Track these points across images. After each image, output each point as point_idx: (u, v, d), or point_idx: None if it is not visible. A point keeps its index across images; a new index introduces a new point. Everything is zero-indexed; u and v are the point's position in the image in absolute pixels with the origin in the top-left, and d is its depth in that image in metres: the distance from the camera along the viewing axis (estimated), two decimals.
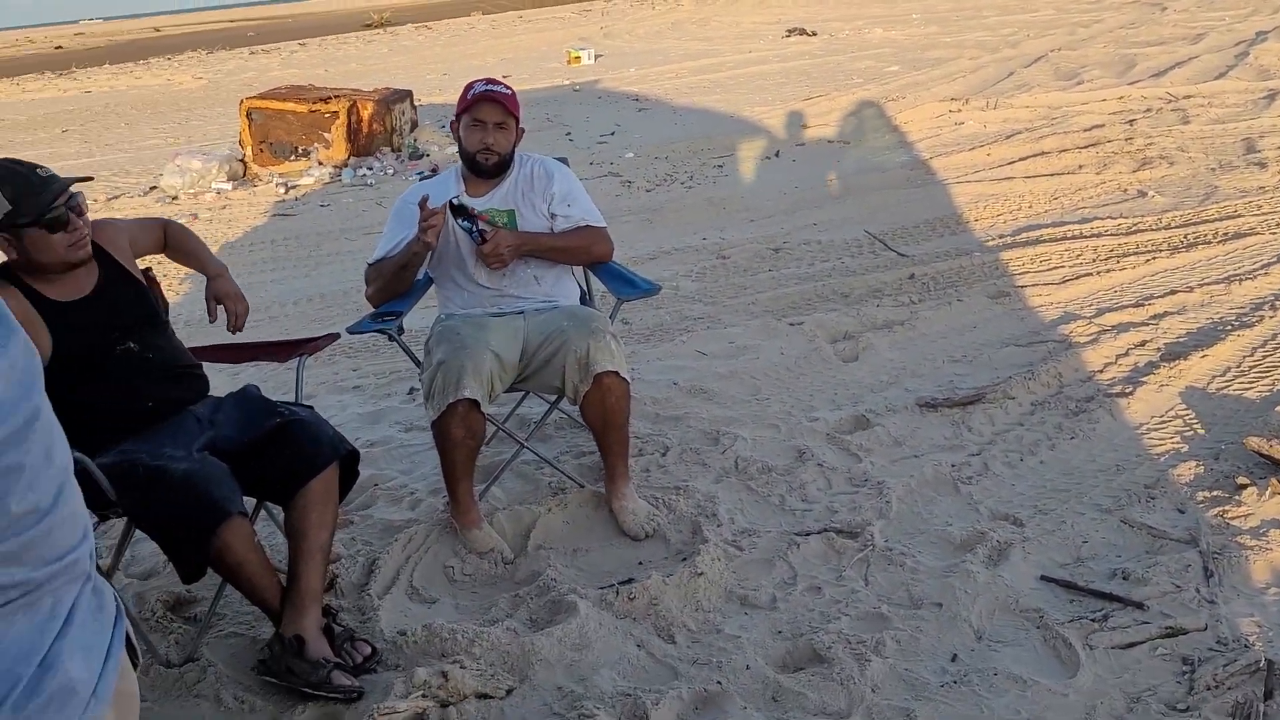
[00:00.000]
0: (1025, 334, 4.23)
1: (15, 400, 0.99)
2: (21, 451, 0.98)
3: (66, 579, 1.02)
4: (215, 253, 7.15)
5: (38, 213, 2.47)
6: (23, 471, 0.98)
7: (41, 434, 1.02)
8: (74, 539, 1.04)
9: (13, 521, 0.96)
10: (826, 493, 3.21)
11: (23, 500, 0.97)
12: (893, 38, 16.40)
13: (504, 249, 3.21)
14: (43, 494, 1.00)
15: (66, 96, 21.84)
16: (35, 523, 0.98)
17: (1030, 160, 7.18)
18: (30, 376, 1.02)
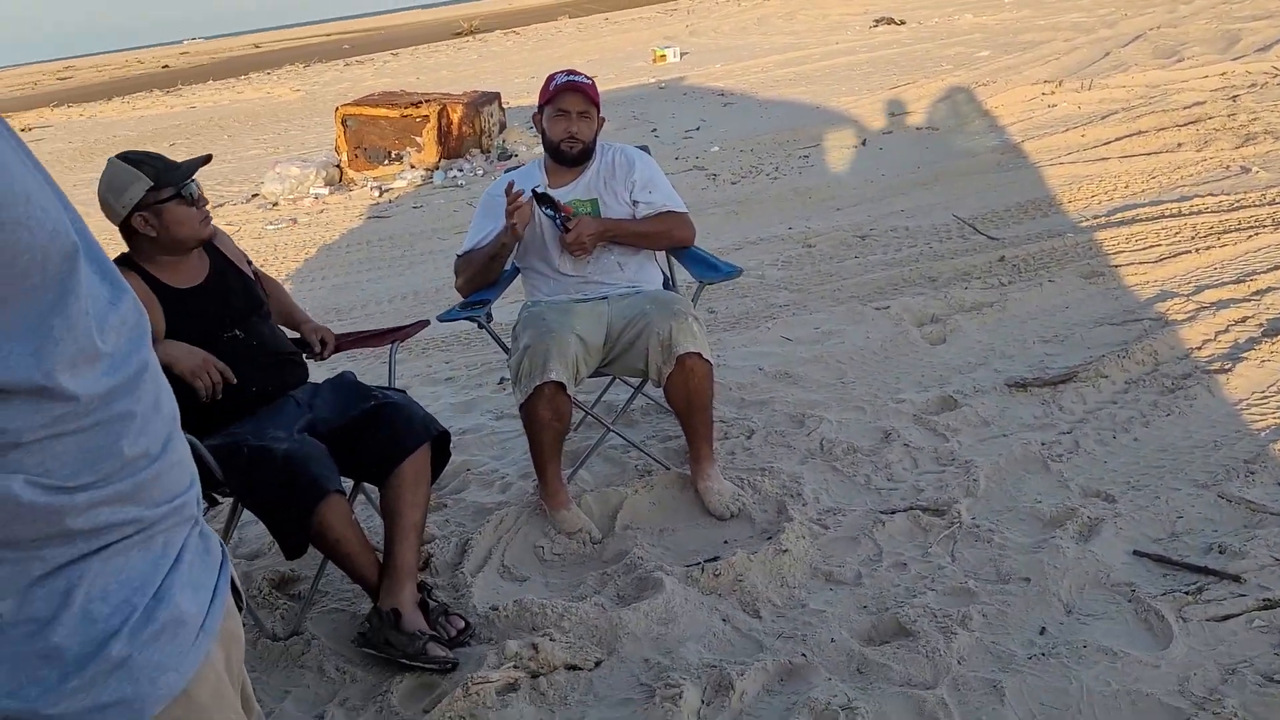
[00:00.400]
0: (1119, 313, 4.13)
1: (127, 353, 1.07)
2: (133, 399, 1.07)
3: (176, 520, 1.10)
4: (313, 255, 7.41)
5: (177, 187, 2.64)
6: (134, 418, 1.06)
7: (150, 384, 1.11)
8: (182, 485, 1.13)
9: (126, 464, 1.05)
10: (913, 472, 3.19)
11: (134, 444, 1.05)
12: (983, 23, 16.07)
13: (586, 236, 3.27)
14: (152, 440, 1.09)
15: (174, 112, 22.75)
16: (146, 466, 1.07)
17: (1127, 140, 6.99)
18: (139, 331, 1.11)
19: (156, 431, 1.09)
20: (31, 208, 0.95)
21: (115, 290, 1.09)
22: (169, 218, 2.66)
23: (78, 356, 1.00)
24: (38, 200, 0.97)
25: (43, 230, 0.95)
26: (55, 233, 0.97)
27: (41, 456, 0.98)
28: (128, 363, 1.07)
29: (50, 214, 0.98)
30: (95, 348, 1.02)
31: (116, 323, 1.07)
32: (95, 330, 1.02)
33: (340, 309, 6.00)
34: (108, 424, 1.03)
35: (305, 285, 6.47)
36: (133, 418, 1.06)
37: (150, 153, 2.75)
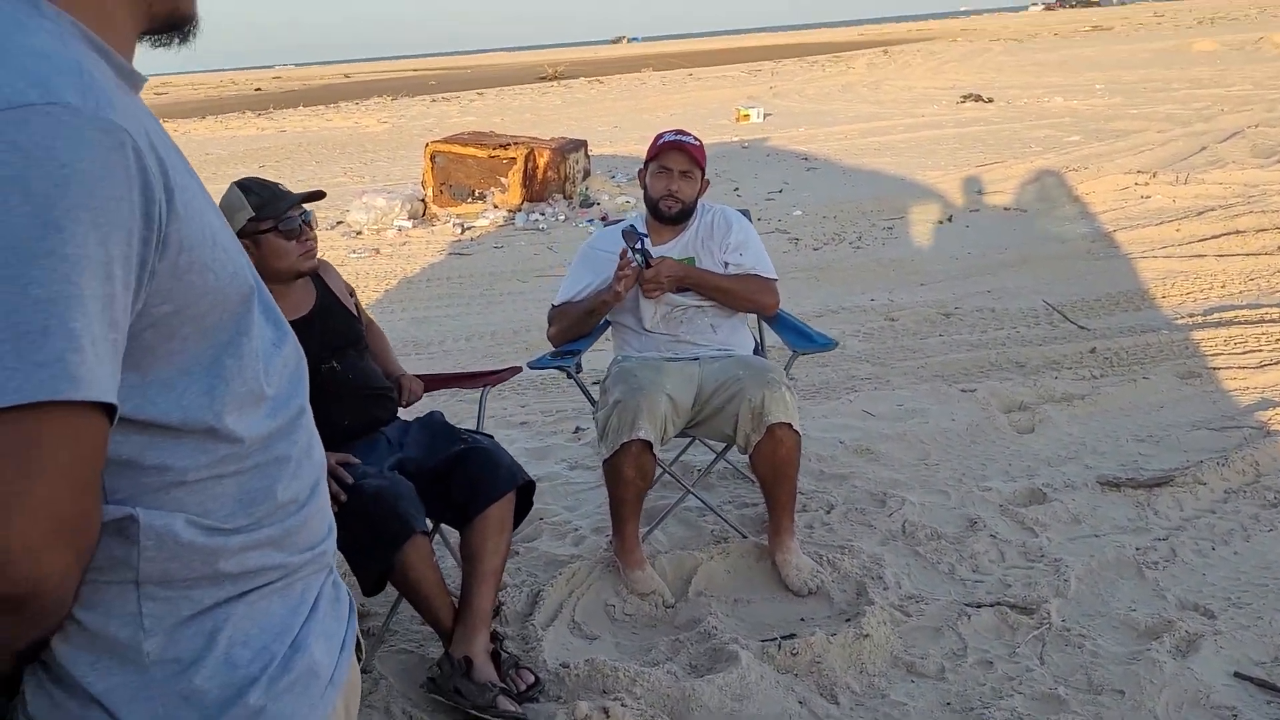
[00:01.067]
0: (1217, 418, 4.01)
1: (287, 395, 1.07)
2: (290, 443, 1.06)
3: (315, 568, 1.09)
4: (394, 286, 7.51)
5: (276, 219, 2.67)
6: (289, 462, 1.06)
7: (306, 429, 1.11)
8: (323, 531, 1.12)
9: (278, 508, 1.04)
10: (999, 565, 3.10)
11: (287, 489, 1.05)
12: (1074, 107, 15.96)
13: (664, 277, 3.25)
14: (302, 486, 1.08)
15: (264, 134, 23.39)
16: (295, 511, 1.06)
17: (1224, 239, 6.84)
18: (299, 375, 1.11)
19: (307, 477, 1.09)
20: (217, 250, 0.96)
21: (279, 332, 1.09)
22: (267, 248, 2.69)
23: (245, 398, 1.00)
24: (222, 241, 0.98)
25: (225, 272, 0.96)
26: (235, 275, 0.98)
27: (202, 497, 0.98)
28: (288, 406, 1.07)
29: (231, 255, 0.99)
30: (261, 390, 1.02)
31: (279, 365, 1.07)
32: (262, 372, 1.02)
33: (419, 342, 6.05)
34: (265, 467, 1.03)
35: (385, 316, 6.53)
36: (288, 461, 1.06)
37: (265, 182, 2.79)
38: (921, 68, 30.77)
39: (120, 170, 0.82)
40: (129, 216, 0.83)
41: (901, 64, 33.71)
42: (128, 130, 0.84)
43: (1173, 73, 20.91)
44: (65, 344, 0.79)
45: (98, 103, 0.83)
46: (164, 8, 0.98)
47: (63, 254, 0.79)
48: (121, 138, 0.83)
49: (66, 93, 0.82)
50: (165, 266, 0.88)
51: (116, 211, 0.82)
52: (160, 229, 0.87)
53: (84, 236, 0.80)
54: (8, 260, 0.77)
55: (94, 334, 0.81)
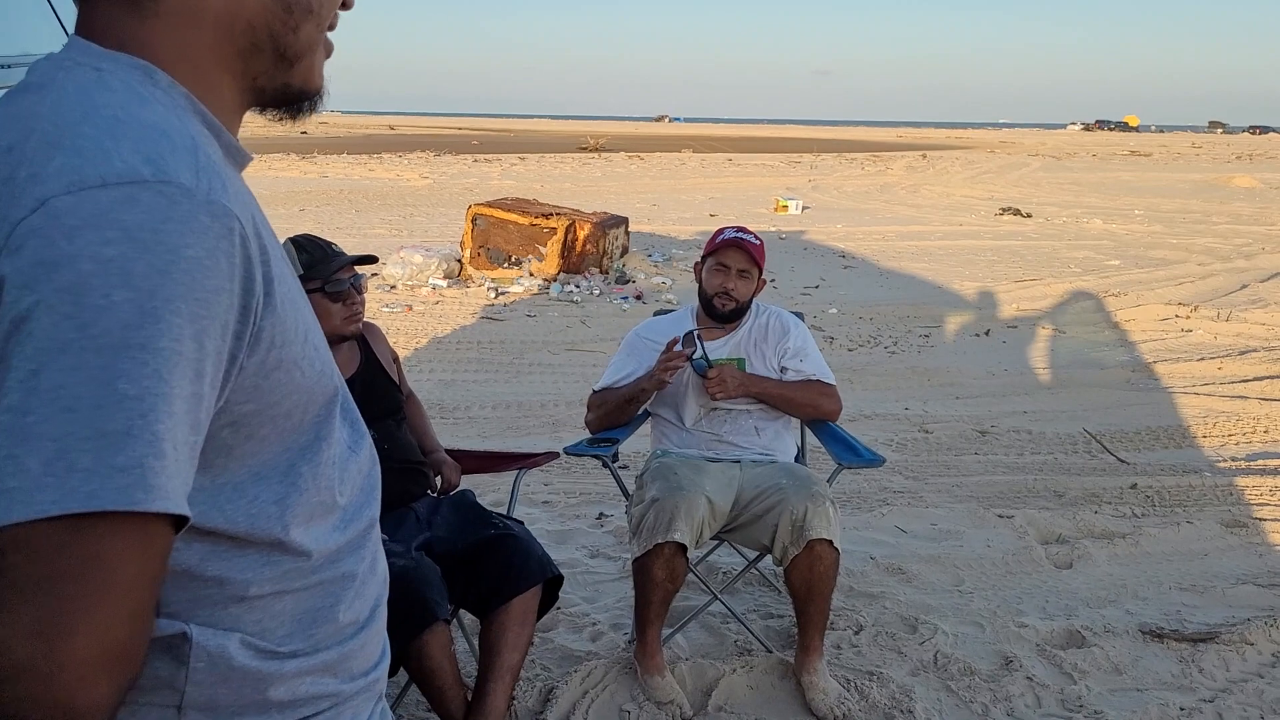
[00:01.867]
0: (1265, 573, 3.86)
1: (359, 506, 1.00)
2: (357, 559, 0.99)
3: (367, 696, 1.01)
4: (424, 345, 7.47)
5: (323, 280, 2.61)
6: (354, 580, 0.98)
7: (374, 543, 1.02)
8: (378, 655, 1.04)
9: (338, 629, 0.96)
10: (1035, 711, 2.95)
11: (350, 609, 0.97)
12: (1113, 230, 15.98)
13: (729, 380, 3.18)
14: (365, 605, 1.00)
15: (306, 178, 23.71)
16: (354, 634, 0.98)
17: (1267, 382, 6.73)
18: (372, 483, 1.03)
19: (369, 596, 1.01)
20: (308, 347, 0.88)
21: (355, 435, 1.02)
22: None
23: (317, 508, 0.92)
24: (314, 339, 0.91)
25: (313, 370, 0.89)
26: (322, 374, 0.91)
27: (261, 615, 0.89)
28: (359, 518, 0.99)
29: (320, 353, 0.92)
30: (334, 499, 0.95)
31: (354, 473, 0.99)
32: (337, 480, 0.95)
33: (444, 406, 5.98)
34: (330, 585, 0.95)
35: (413, 375, 6.47)
36: (353, 579, 0.98)
37: (318, 241, 2.73)
38: (960, 176, 31.03)
39: (225, 259, 0.77)
40: (227, 309, 0.77)
41: (940, 170, 34.03)
42: (238, 216, 0.78)
43: (1212, 206, 20.99)
44: (147, 449, 0.72)
45: (210, 185, 0.78)
46: (272, 84, 0.93)
47: (156, 347, 0.72)
48: (231, 224, 0.78)
49: (181, 172, 0.77)
50: (254, 363, 0.82)
51: (216, 304, 0.76)
52: (255, 323, 0.81)
53: (180, 330, 0.74)
54: (100, 349, 0.70)
55: (176, 438, 0.74)
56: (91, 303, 0.70)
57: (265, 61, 0.90)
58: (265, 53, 0.89)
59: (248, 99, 0.93)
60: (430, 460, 2.95)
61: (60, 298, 0.70)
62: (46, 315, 0.70)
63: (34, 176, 0.74)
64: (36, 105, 0.79)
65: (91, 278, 0.70)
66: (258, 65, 0.90)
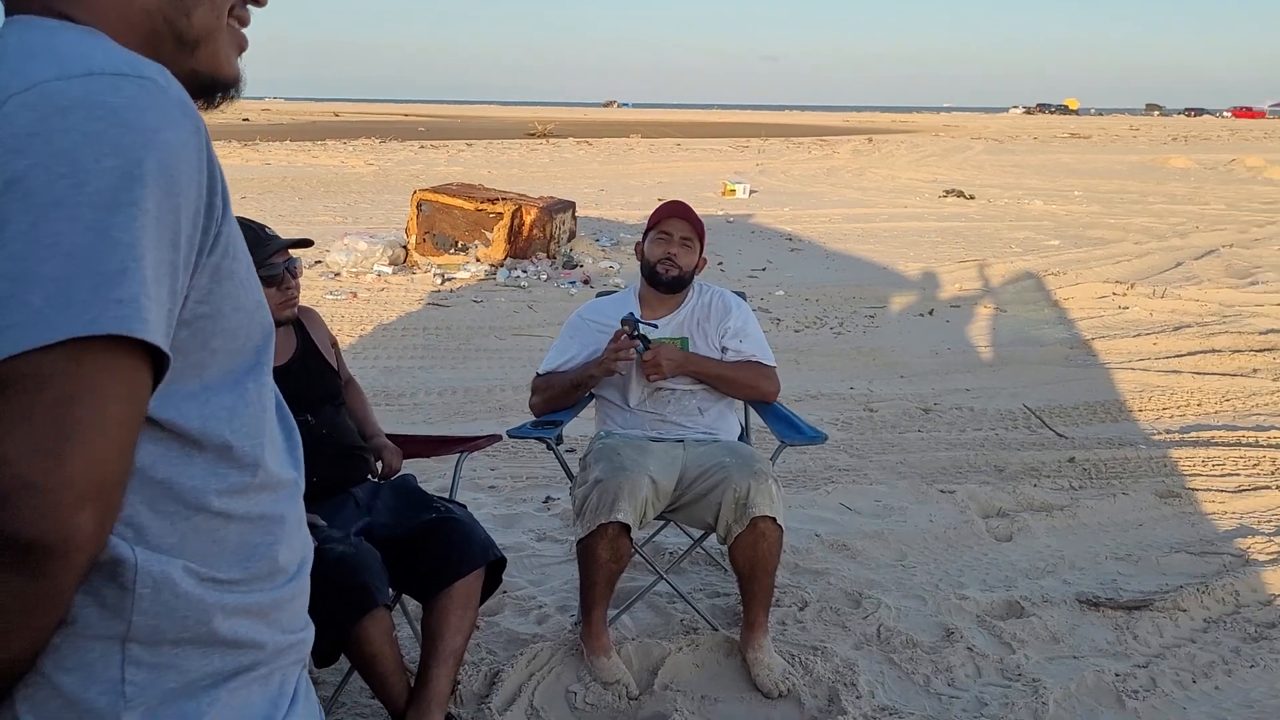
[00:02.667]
0: (1197, 541, 3.96)
1: (289, 461, 1.07)
2: (291, 505, 1.04)
3: (293, 658, 1.05)
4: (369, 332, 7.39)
5: (256, 264, 2.56)
6: (286, 523, 1.02)
7: (300, 507, 1.07)
8: (303, 620, 1.08)
9: (274, 571, 0.99)
10: (976, 681, 3.00)
11: (285, 553, 1.01)
12: (1053, 211, 16.23)
13: (664, 359, 3.18)
14: (294, 557, 1.05)
15: (249, 165, 23.31)
16: (285, 582, 1.02)
17: (1200, 356, 6.88)
18: (298, 452, 1.08)
19: (296, 551, 1.05)
20: (250, 275, 0.96)
21: (281, 408, 1.07)
22: None
23: (259, 431, 0.96)
24: (249, 271, 0.97)
25: (251, 299, 0.95)
26: (260, 306, 0.97)
27: (204, 540, 0.92)
28: (292, 468, 1.05)
29: (257, 293, 0.97)
30: (274, 432, 1.00)
31: (282, 430, 1.04)
32: (273, 419, 1.00)
33: (389, 393, 5.93)
34: (267, 522, 0.98)
35: (357, 363, 6.40)
36: (285, 522, 1.01)
37: (251, 223, 2.67)
38: (905, 159, 31.32)
39: (195, 153, 0.84)
40: (196, 198, 0.84)
41: (885, 153, 34.32)
42: (202, 120, 0.87)
43: (1149, 186, 21.40)
44: (140, 288, 0.78)
45: (180, 90, 0.86)
46: (181, 70, 0.95)
47: (144, 207, 0.79)
48: (199, 123, 0.86)
49: (156, 74, 0.84)
50: (211, 264, 0.88)
51: (188, 190, 0.83)
52: (216, 223, 0.88)
53: (161, 201, 0.80)
54: (94, 205, 0.77)
55: (161, 292, 0.81)
56: (84, 165, 0.77)
57: (169, 47, 0.95)
58: (166, 39, 0.95)
59: (185, 86, 0.95)
60: (370, 445, 2.92)
61: (56, 160, 0.76)
62: (43, 175, 0.76)
63: (17, 71, 0.81)
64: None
65: (83, 144, 0.77)
66: (164, 52, 0.94)
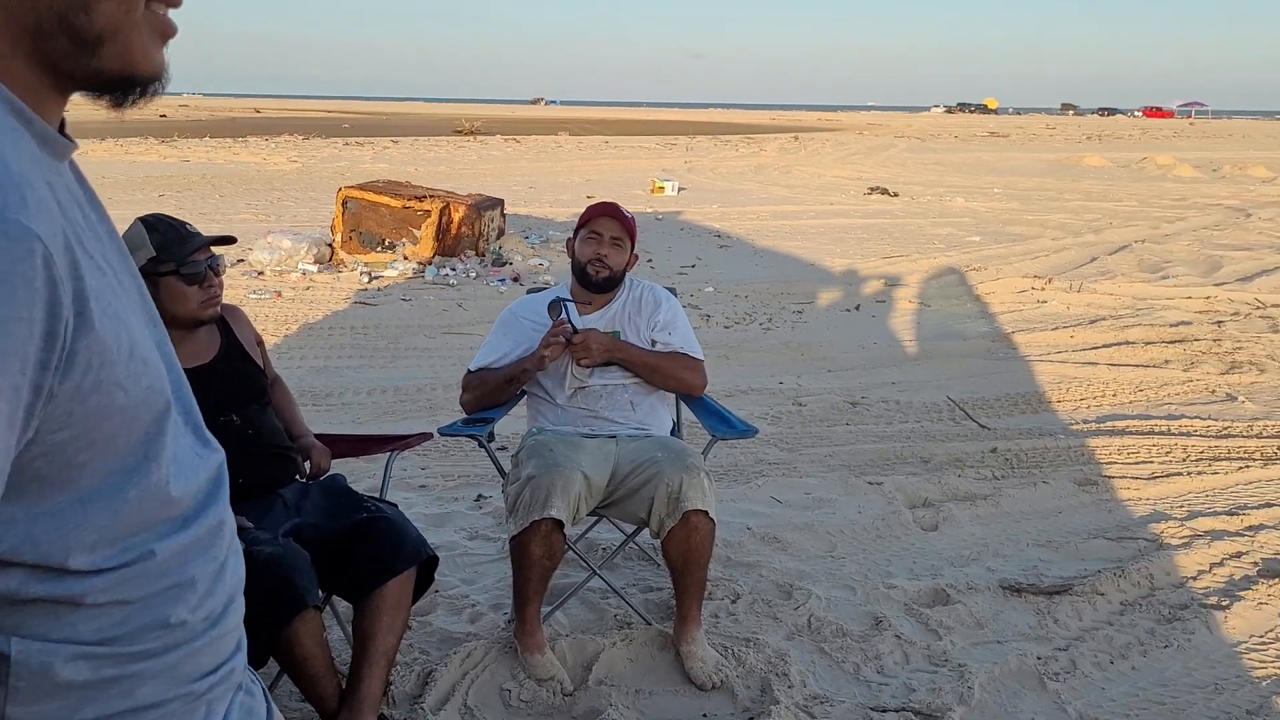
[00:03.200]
0: (1113, 527, 4.09)
1: (202, 508, 0.94)
2: (204, 561, 0.95)
3: (222, 689, 0.98)
4: (294, 331, 7.25)
5: (178, 262, 2.51)
6: (195, 585, 0.93)
7: (225, 542, 0.99)
8: (231, 648, 1.00)
9: (185, 632, 0.92)
10: (904, 668, 3.06)
11: (197, 610, 0.93)
12: (974, 208, 16.58)
13: (593, 342, 3.18)
14: (215, 603, 0.96)
15: (166, 162, 22.75)
16: (203, 632, 0.94)
17: (1115, 349, 7.10)
18: (218, 484, 0.99)
19: (221, 594, 0.97)
20: (134, 363, 0.82)
21: (199, 440, 0.97)
22: (165, 292, 2.54)
23: (148, 524, 0.87)
24: (141, 352, 0.83)
25: (139, 388, 0.82)
26: (150, 390, 0.84)
27: (98, 623, 0.84)
28: (204, 518, 0.94)
29: (149, 367, 0.85)
30: (170, 511, 0.89)
31: (197, 477, 0.94)
32: (172, 490, 0.89)
33: (316, 393, 5.84)
34: (173, 590, 0.90)
35: (283, 363, 6.29)
36: (194, 585, 0.92)
37: (172, 221, 2.63)
38: (830, 157, 31.72)
39: (23, 285, 0.70)
40: (25, 341, 0.71)
41: (811, 151, 34.72)
42: (39, 235, 0.72)
43: (1064, 184, 21.97)
44: None
45: (6, 200, 0.71)
46: (80, 69, 0.82)
47: None
48: (31, 245, 0.71)
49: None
50: (68, 389, 0.76)
51: (13, 335, 0.70)
52: (64, 349, 0.75)
53: None
54: None
55: None
56: None
57: (61, 44, 0.80)
58: (56, 36, 0.80)
59: (63, 84, 0.84)
60: (298, 445, 2.88)
61: None
62: None
63: None
64: None
65: None
66: (54, 48, 0.80)
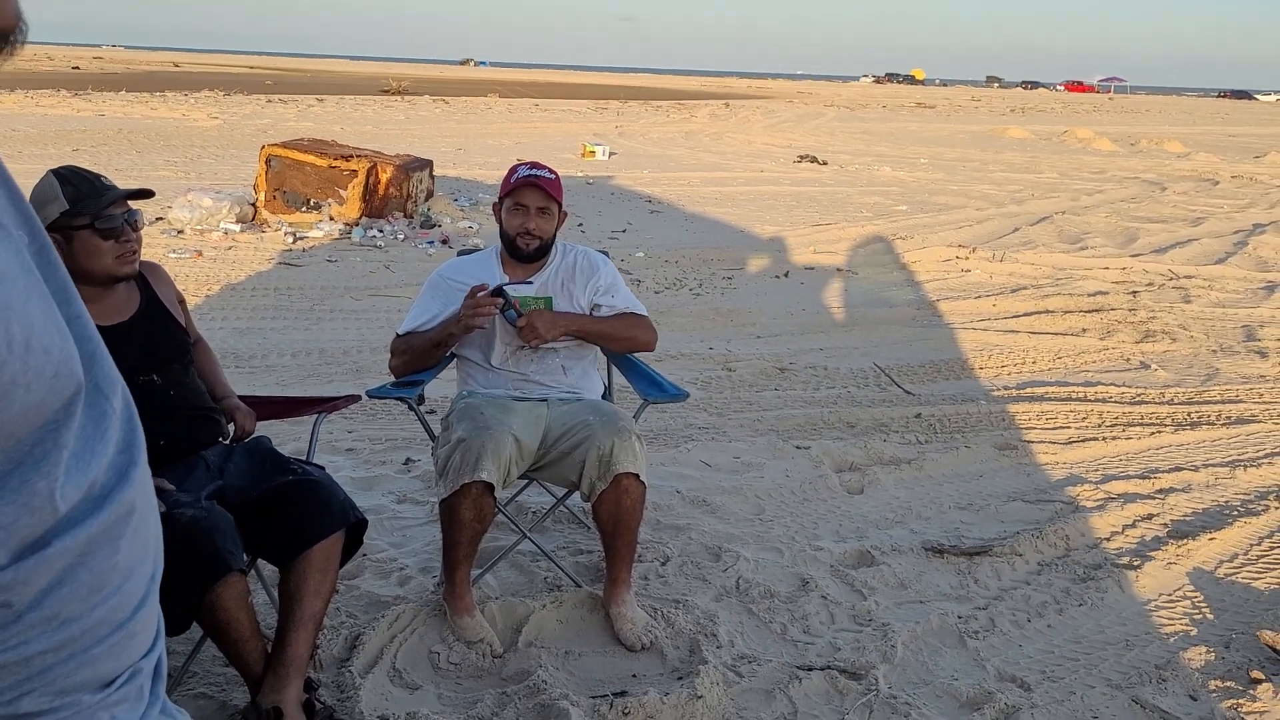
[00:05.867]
0: (1032, 490, 4.20)
1: (109, 490, 0.81)
2: (110, 550, 0.80)
3: (136, 690, 0.85)
4: (216, 292, 7.09)
5: (93, 216, 2.43)
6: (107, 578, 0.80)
7: (134, 525, 0.85)
8: (150, 640, 0.89)
9: (90, 628, 0.79)
10: (829, 627, 3.12)
11: (104, 607, 0.80)
12: (900, 178, 16.78)
13: (539, 325, 3.14)
14: (126, 603, 0.83)
15: (80, 116, 21.94)
16: (109, 634, 0.81)
17: (1035, 317, 7.27)
18: (129, 459, 0.87)
19: (134, 592, 0.84)
20: (31, 356, 0.73)
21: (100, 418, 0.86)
22: (79, 247, 2.45)
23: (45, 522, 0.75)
24: (39, 342, 0.74)
25: (43, 378, 0.74)
26: (57, 375, 0.76)
27: None
28: (110, 503, 0.81)
29: (53, 352, 0.75)
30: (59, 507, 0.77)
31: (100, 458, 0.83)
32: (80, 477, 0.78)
33: (240, 355, 5.72)
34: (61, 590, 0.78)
35: (204, 324, 6.13)
36: (110, 571, 0.80)
37: (85, 174, 2.54)
38: (760, 124, 31.79)
39: None
40: None
41: (742, 119, 34.76)
42: None
43: (988, 155, 22.34)
44: None
45: None
46: None
47: None
48: None
49: None
50: None
51: None
52: None
53: None
54: None
55: None
56: None
57: None
58: None
59: None
60: (222, 406, 2.81)
61: None
62: None
63: None
64: None
65: None
66: None
